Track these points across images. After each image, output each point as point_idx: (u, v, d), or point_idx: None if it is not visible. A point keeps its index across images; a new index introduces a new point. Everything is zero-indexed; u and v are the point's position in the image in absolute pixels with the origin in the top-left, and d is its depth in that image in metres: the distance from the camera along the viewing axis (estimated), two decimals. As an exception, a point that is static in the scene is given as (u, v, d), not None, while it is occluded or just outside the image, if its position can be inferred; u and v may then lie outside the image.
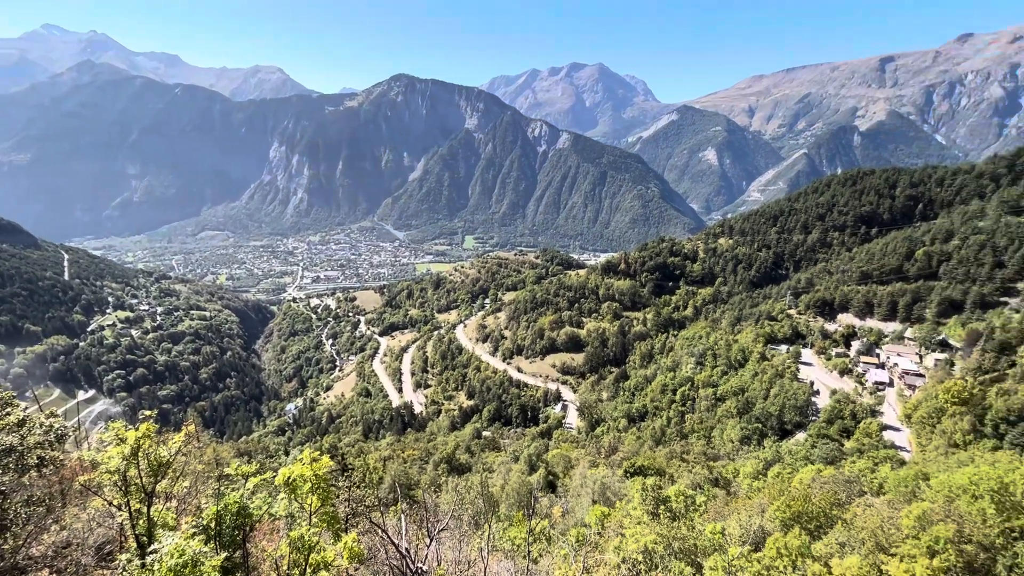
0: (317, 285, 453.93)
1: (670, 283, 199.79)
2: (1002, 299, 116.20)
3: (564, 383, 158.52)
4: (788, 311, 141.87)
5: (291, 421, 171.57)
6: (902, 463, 55.79)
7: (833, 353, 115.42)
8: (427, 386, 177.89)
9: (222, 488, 14.42)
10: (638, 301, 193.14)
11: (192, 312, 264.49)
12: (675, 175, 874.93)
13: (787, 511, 32.01)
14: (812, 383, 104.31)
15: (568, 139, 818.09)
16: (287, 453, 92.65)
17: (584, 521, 36.99)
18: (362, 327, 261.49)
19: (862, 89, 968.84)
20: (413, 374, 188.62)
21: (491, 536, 27.62)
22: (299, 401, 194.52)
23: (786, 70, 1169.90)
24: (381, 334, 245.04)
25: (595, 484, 46.16)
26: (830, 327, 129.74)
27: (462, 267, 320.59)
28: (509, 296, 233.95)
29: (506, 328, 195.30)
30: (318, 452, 15.35)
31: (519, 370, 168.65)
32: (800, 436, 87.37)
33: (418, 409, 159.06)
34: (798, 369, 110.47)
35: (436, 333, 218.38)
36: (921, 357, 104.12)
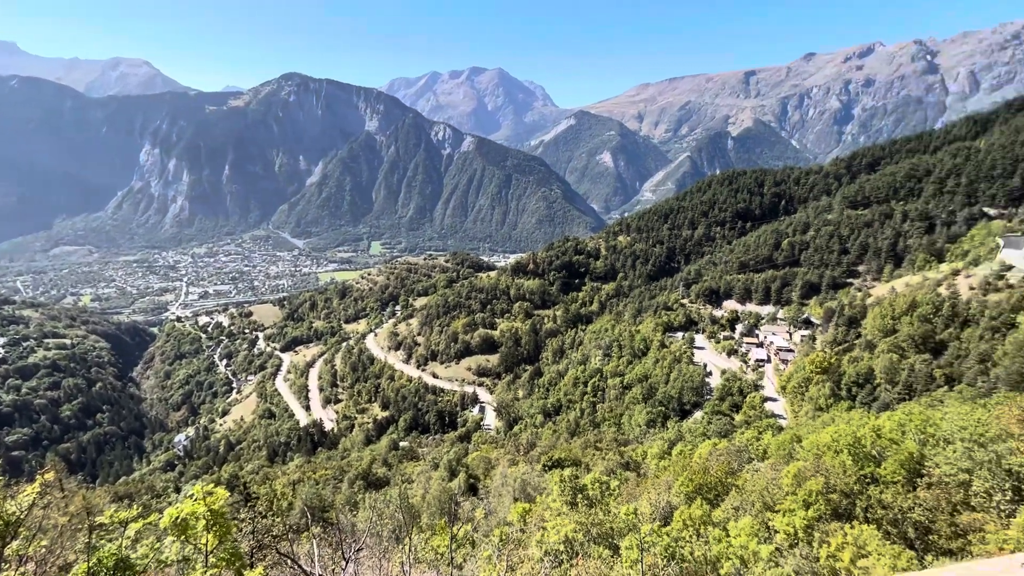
0: (206, 301, 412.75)
1: (576, 280, 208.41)
2: (848, 280, 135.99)
3: (480, 385, 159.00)
4: (682, 301, 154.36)
5: (181, 454, 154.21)
6: (781, 429, 63.06)
7: (721, 336, 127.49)
8: (338, 401, 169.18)
9: (95, 540, 12.52)
10: (548, 299, 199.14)
11: (47, 341, 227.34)
12: (576, 177, 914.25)
13: (689, 485, 34.82)
14: (705, 365, 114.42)
15: (472, 142, 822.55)
16: (178, 490, 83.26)
17: (507, 520, 37.40)
18: (261, 344, 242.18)
19: (732, 99, 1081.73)
20: (322, 389, 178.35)
21: (412, 549, 26.94)
22: (190, 431, 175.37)
23: (669, 79, 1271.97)
24: (283, 350, 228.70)
25: (515, 482, 46.89)
26: (718, 313, 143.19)
27: (370, 274, 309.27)
28: (420, 301, 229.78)
29: (419, 334, 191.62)
30: (214, 484, 13.94)
31: (434, 376, 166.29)
32: (698, 414, 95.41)
33: (329, 426, 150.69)
34: (693, 353, 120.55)
35: (345, 345, 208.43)
36: (791, 334, 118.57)
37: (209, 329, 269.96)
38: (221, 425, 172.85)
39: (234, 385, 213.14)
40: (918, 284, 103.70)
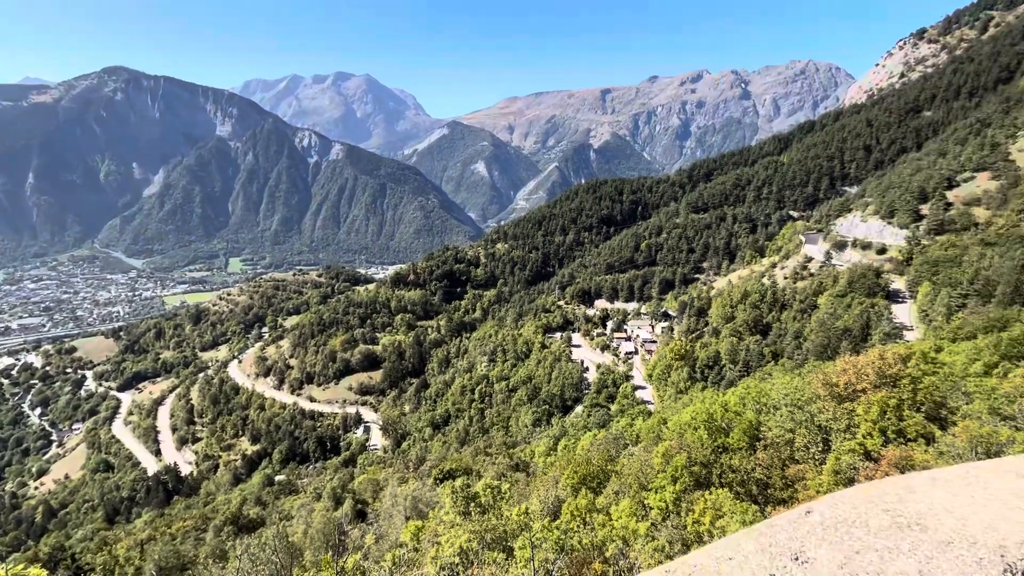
0: (7, 339, 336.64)
1: (458, 289, 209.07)
2: (696, 275, 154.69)
3: (364, 404, 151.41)
4: (558, 303, 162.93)
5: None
6: (650, 414, 69.56)
7: (595, 333, 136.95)
8: (196, 440, 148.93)
9: None
10: (430, 309, 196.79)
11: None
12: (452, 186, 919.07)
13: (574, 477, 36.71)
14: (582, 361, 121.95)
15: (342, 150, 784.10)
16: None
17: (399, 541, 35.98)
18: (91, 384, 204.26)
19: (592, 114, 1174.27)
20: (175, 429, 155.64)
21: (295, 591, 24.70)
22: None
23: (535, 94, 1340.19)
24: (121, 388, 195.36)
25: (406, 500, 45.34)
26: (590, 312, 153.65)
27: (229, 294, 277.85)
28: (292, 321, 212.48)
29: (292, 356, 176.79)
30: (28, 563, 11.32)
31: (312, 399, 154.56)
32: (579, 409, 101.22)
33: (187, 470, 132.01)
34: (571, 352, 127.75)
35: (203, 376, 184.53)
36: (653, 327, 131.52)
37: (14, 373, 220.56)
38: (37, 488, 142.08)
39: (54, 438, 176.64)
40: (747, 276, 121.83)
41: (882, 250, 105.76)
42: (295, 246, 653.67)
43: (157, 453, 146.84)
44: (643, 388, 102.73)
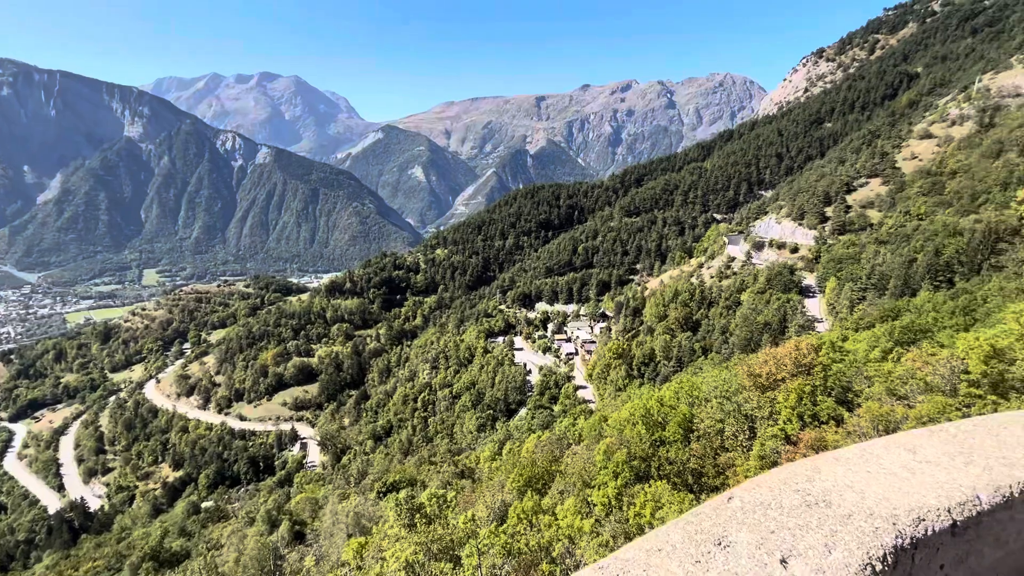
0: None
1: (398, 296, 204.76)
2: (631, 276, 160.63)
3: (300, 420, 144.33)
4: (500, 307, 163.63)
5: None
6: (591, 412, 71.32)
7: (536, 336, 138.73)
8: (108, 470, 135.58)
9: None
10: (369, 318, 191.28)
11: None
12: (389, 192, 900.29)
13: (520, 480, 36.93)
14: (525, 364, 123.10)
15: (269, 154, 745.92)
16: None
17: (341, 560, 34.56)
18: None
19: (527, 121, 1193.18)
20: (82, 460, 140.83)
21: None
22: None
23: (472, 99, 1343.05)
24: (14, 418, 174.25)
25: (348, 517, 43.67)
26: (532, 315, 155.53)
27: (144, 309, 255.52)
28: (218, 335, 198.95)
29: (219, 373, 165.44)
30: None
31: (242, 418, 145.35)
32: (523, 411, 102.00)
33: (97, 504, 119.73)
34: (513, 355, 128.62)
35: (114, 399, 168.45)
36: (592, 328, 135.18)
37: None
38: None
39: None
40: (678, 276, 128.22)
41: (795, 249, 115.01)
42: (219, 256, 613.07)
43: (60, 488, 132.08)
44: (584, 387, 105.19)
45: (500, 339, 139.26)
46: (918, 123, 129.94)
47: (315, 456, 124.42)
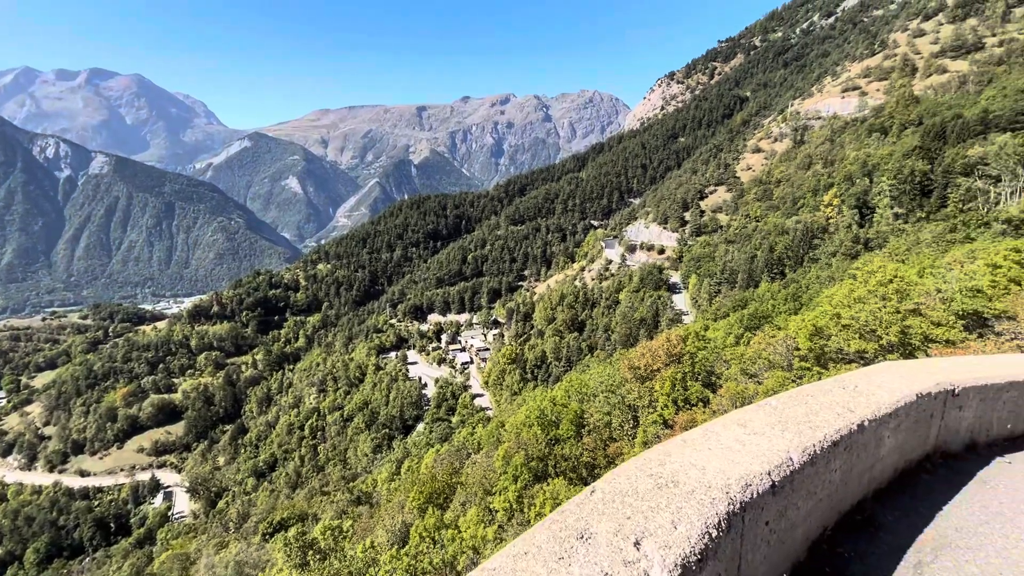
0: None
1: (276, 317, 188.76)
2: (519, 283, 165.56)
3: (163, 466, 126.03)
4: (390, 321, 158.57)
5: None
6: (489, 419, 71.95)
7: (431, 348, 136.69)
8: None
9: None
10: (243, 343, 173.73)
11: None
12: (260, 204, 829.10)
13: (420, 497, 35.99)
14: (420, 378, 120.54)
15: (108, 163, 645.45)
16: None
17: (221, 619, 30.71)
18: None
19: (409, 130, 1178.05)
20: None
21: None
22: None
23: (349, 107, 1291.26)
24: None
25: (228, 568, 39.10)
26: (424, 327, 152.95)
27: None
28: (45, 378, 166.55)
29: (48, 423, 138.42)
30: None
31: (84, 473, 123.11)
32: (420, 426, 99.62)
33: None
34: (408, 370, 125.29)
35: None
36: (486, 335, 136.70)
37: None
38: None
39: None
40: (563, 280, 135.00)
41: (662, 251, 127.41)
42: (43, 283, 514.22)
43: None
44: (481, 395, 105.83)
45: (393, 354, 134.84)
46: (750, 139, 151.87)
47: (184, 505, 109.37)
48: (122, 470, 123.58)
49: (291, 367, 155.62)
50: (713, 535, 2.27)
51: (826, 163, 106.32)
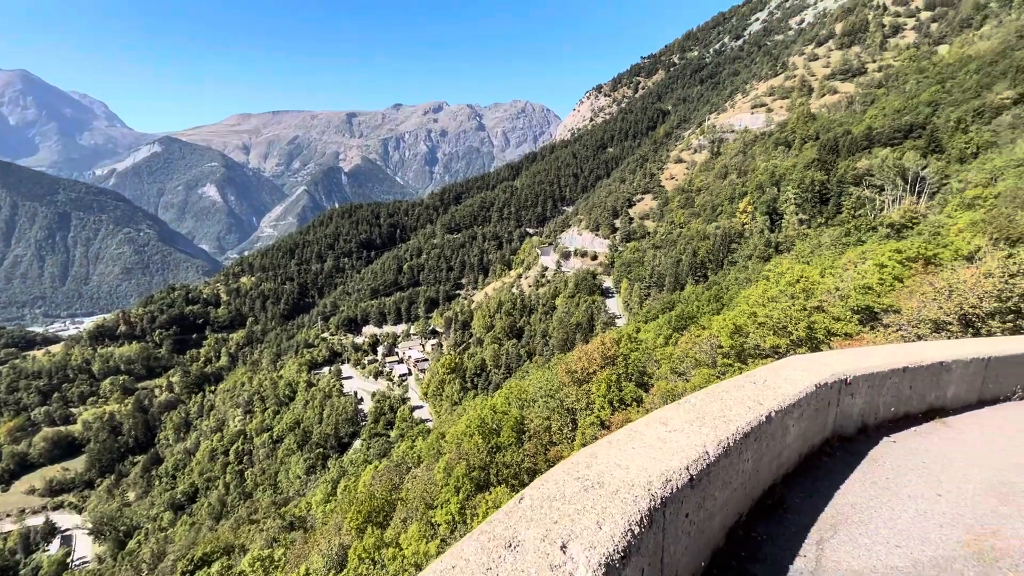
0: None
1: (195, 335, 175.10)
2: (457, 291, 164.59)
3: (59, 507, 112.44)
4: (323, 335, 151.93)
5: None
6: (429, 431, 70.59)
7: (366, 361, 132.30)
8: None
9: None
10: (156, 365, 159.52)
11: None
12: (174, 214, 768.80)
13: (358, 517, 34.61)
14: (356, 393, 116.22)
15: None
16: None
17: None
18: None
19: (339, 137, 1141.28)
20: None
21: None
22: None
23: (272, 112, 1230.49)
24: None
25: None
26: (359, 340, 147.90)
27: None
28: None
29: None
30: None
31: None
32: (357, 443, 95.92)
33: None
34: (342, 385, 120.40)
35: None
36: (424, 346, 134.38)
37: None
38: None
39: None
40: (500, 288, 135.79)
41: (595, 257, 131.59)
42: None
43: None
44: (421, 407, 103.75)
45: (326, 369, 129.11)
46: (672, 150, 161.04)
47: (86, 549, 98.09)
48: (8, 515, 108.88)
49: (212, 388, 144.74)
50: (636, 531, 2.32)
51: (740, 173, 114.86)
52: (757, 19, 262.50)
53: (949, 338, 14.42)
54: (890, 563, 3.38)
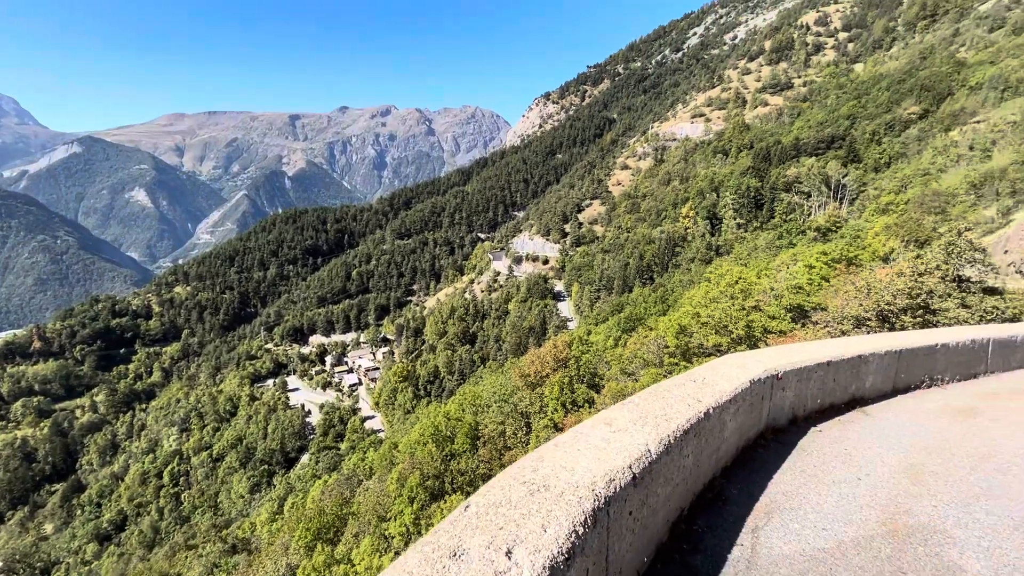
0: None
1: (122, 350, 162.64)
2: (408, 298, 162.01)
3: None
4: (266, 346, 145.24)
5: None
6: (381, 442, 68.87)
7: (313, 372, 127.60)
8: None
9: None
10: (78, 384, 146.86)
11: None
12: (97, 219, 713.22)
13: (307, 535, 33.23)
14: (303, 405, 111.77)
15: None
16: None
17: None
18: None
19: (281, 140, 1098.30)
20: None
21: None
22: None
23: (208, 112, 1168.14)
24: None
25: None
26: (306, 350, 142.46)
27: None
28: None
29: None
30: None
31: None
32: (305, 458, 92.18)
33: None
34: (288, 397, 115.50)
35: None
36: (375, 354, 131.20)
37: None
38: None
39: None
40: (452, 293, 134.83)
41: (546, 261, 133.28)
42: None
43: None
44: (372, 417, 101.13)
45: (270, 382, 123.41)
46: (619, 157, 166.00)
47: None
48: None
49: (144, 406, 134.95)
50: (580, 532, 2.33)
51: (682, 180, 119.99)
52: (695, 33, 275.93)
53: (868, 333, 15.63)
54: (817, 545, 3.62)
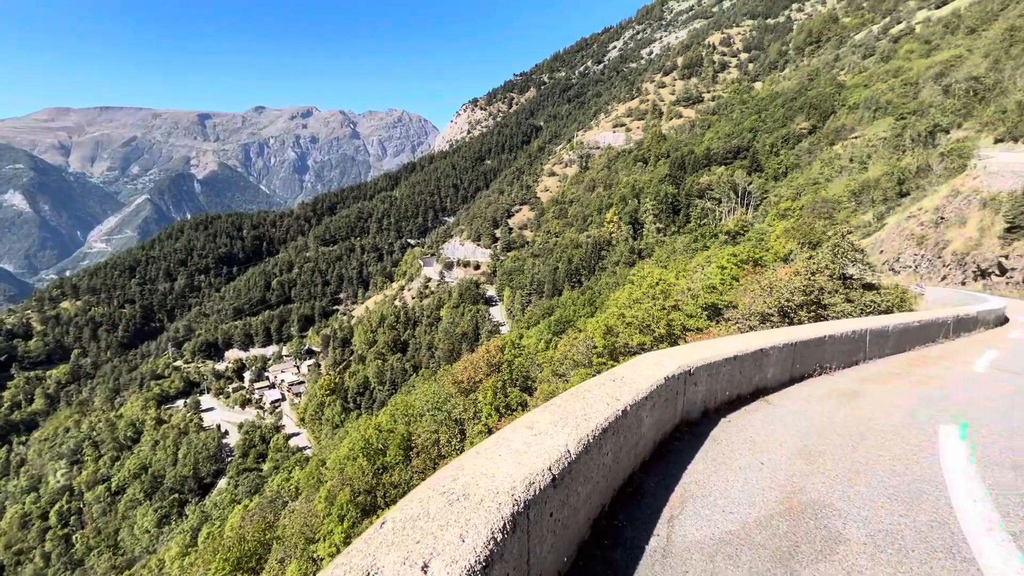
0: None
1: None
2: (335, 307, 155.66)
3: None
4: (175, 363, 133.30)
5: None
6: (308, 459, 65.32)
7: (230, 389, 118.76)
8: None
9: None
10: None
11: None
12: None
13: (226, 566, 30.78)
14: (219, 426, 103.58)
15: None
16: None
17: None
18: None
19: (189, 140, 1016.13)
20: None
21: None
22: None
23: (100, 108, 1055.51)
24: None
25: None
26: (221, 366, 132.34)
27: None
28: None
29: None
30: None
31: None
32: (222, 483, 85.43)
33: None
34: (201, 418, 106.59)
35: None
36: (299, 367, 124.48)
37: None
38: None
39: None
40: (382, 301, 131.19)
41: (477, 266, 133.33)
42: None
43: None
44: (298, 434, 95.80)
45: (180, 403, 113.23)
46: (546, 164, 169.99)
47: None
48: None
49: (23, 439, 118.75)
50: (499, 539, 2.28)
51: (606, 186, 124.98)
52: (615, 47, 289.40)
53: (771, 328, 17.09)
54: (724, 528, 3.89)
